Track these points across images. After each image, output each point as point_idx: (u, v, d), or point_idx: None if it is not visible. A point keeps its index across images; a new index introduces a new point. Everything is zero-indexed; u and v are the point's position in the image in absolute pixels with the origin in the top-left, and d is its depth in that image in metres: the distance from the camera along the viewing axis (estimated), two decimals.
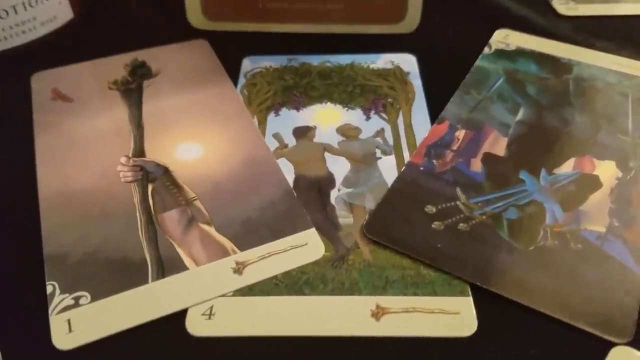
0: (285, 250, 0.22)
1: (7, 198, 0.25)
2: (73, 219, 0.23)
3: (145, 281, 0.21)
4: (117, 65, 0.32)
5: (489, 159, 0.26)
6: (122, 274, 0.21)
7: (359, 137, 0.28)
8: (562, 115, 0.28)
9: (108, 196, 0.24)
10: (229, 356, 0.19)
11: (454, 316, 0.20)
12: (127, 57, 0.32)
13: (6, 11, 0.32)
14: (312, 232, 0.23)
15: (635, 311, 0.20)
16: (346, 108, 0.29)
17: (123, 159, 0.26)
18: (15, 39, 0.33)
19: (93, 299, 0.20)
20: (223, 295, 0.21)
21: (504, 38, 0.33)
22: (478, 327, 0.20)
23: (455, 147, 0.26)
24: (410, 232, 0.23)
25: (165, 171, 0.25)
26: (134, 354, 0.20)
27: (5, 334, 0.20)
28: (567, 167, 0.25)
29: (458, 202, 0.24)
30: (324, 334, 0.20)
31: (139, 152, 0.26)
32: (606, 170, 0.25)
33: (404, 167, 0.26)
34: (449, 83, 0.30)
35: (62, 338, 0.20)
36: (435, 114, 0.28)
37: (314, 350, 0.20)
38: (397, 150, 0.27)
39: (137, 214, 0.24)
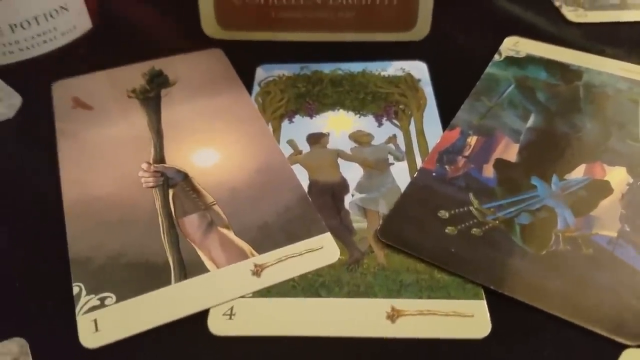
0: (301, 254, 0.23)
1: (34, 204, 0.26)
2: (96, 224, 0.24)
3: (168, 283, 0.22)
4: (135, 74, 0.33)
5: (500, 164, 0.26)
6: (146, 276, 0.22)
7: (372, 143, 0.28)
8: (573, 121, 0.28)
9: (129, 202, 0.25)
10: (249, 355, 0.20)
11: (468, 319, 0.20)
12: (144, 66, 0.33)
13: (29, 22, 0.33)
14: (327, 236, 0.24)
15: None
16: (358, 115, 0.30)
17: (144, 165, 0.27)
18: (37, 49, 0.34)
19: (118, 300, 0.21)
20: (243, 297, 0.21)
21: (514, 45, 0.33)
22: (492, 329, 0.20)
23: (467, 153, 0.27)
24: (424, 236, 0.23)
25: (185, 177, 0.26)
26: (158, 352, 0.20)
27: (35, 333, 0.21)
28: (577, 173, 0.26)
29: (471, 208, 0.24)
30: (340, 334, 0.20)
31: (160, 158, 0.27)
32: (617, 176, 0.25)
33: (416, 173, 0.26)
34: (460, 90, 0.30)
35: (89, 337, 0.20)
36: (446, 120, 0.29)
37: (331, 350, 0.20)
38: (409, 156, 0.27)
39: (159, 219, 0.24)
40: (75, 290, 0.22)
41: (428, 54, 0.33)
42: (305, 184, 0.26)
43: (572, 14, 0.36)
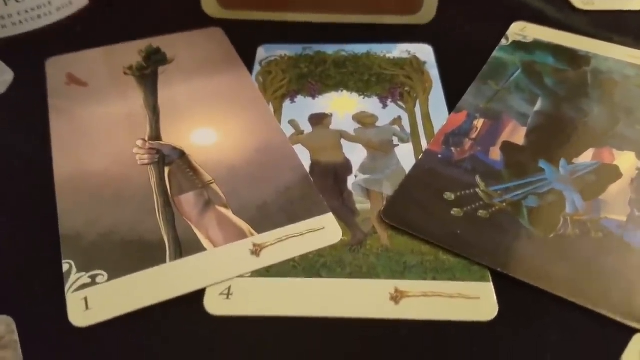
0: (303, 234, 0.22)
1: (24, 180, 0.25)
2: (89, 201, 0.23)
3: (163, 261, 0.21)
4: (131, 51, 0.32)
5: (508, 147, 0.26)
6: (140, 254, 0.21)
7: (376, 125, 0.28)
8: (580, 106, 0.28)
9: (123, 179, 0.24)
10: (247, 335, 0.19)
11: (475, 301, 0.20)
12: (141, 44, 0.32)
13: None
14: (329, 216, 0.23)
15: None
16: (362, 96, 0.29)
17: (139, 142, 0.26)
18: (31, 24, 0.33)
19: (110, 278, 0.20)
20: (241, 276, 0.21)
21: (521, 30, 0.33)
22: (498, 312, 0.20)
23: (473, 136, 0.26)
24: (429, 218, 0.22)
25: (182, 155, 0.25)
26: (152, 332, 0.19)
27: (23, 311, 0.20)
28: (586, 158, 0.25)
29: (477, 190, 0.23)
30: (342, 315, 0.20)
31: (155, 136, 0.26)
32: (626, 161, 0.25)
33: (422, 155, 0.25)
34: (466, 73, 0.30)
35: (79, 315, 0.19)
36: (452, 103, 0.28)
37: (332, 332, 0.19)
38: (414, 138, 0.27)
39: (154, 196, 0.23)
40: (65, 267, 0.21)
41: (434, 37, 0.33)
42: (307, 164, 0.25)
43: (580, 1, 0.36)
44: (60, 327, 0.19)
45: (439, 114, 0.28)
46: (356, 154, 0.26)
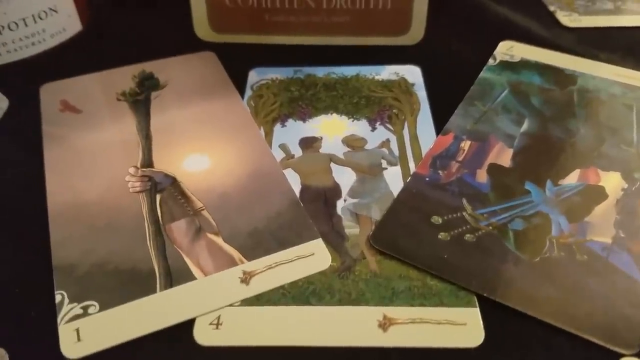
0: (292, 261, 0.22)
1: (18, 208, 0.25)
2: (82, 230, 0.24)
3: (154, 291, 0.21)
4: (125, 76, 0.32)
5: (494, 169, 0.26)
6: (131, 284, 0.21)
7: (365, 148, 0.28)
8: (567, 126, 0.28)
9: (116, 207, 0.25)
10: None
11: (461, 327, 0.20)
12: (134, 69, 0.33)
13: (16, 23, 0.33)
14: (319, 242, 0.23)
15: None
16: (352, 119, 0.30)
17: (132, 170, 0.26)
18: (25, 51, 0.34)
19: (102, 308, 0.21)
20: (230, 305, 0.21)
21: (509, 50, 0.33)
22: (485, 338, 0.20)
23: (460, 158, 0.27)
24: (417, 242, 0.23)
25: (174, 181, 0.26)
26: None
27: (14, 343, 0.20)
28: (572, 179, 0.25)
29: (464, 213, 0.24)
30: (331, 344, 0.20)
31: (148, 162, 0.27)
32: (611, 182, 0.25)
33: (409, 178, 0.26)
34: (454, 94, 0.30)
35: (71, 347, 0.20)
36: (440, 125, 0.29)
37: None
38: (402, 160, 0.27)
39: (146, 224, 0.24)
40: (58, 298, 0.21)
41: (422, 58, 0.33)
42: (297, 188, 0.26)
43: (567, 19, 0.36)
44: (52, 358, 0.20)
45: (427, 136, 0.28)
46: (345, 178, 0.26)
